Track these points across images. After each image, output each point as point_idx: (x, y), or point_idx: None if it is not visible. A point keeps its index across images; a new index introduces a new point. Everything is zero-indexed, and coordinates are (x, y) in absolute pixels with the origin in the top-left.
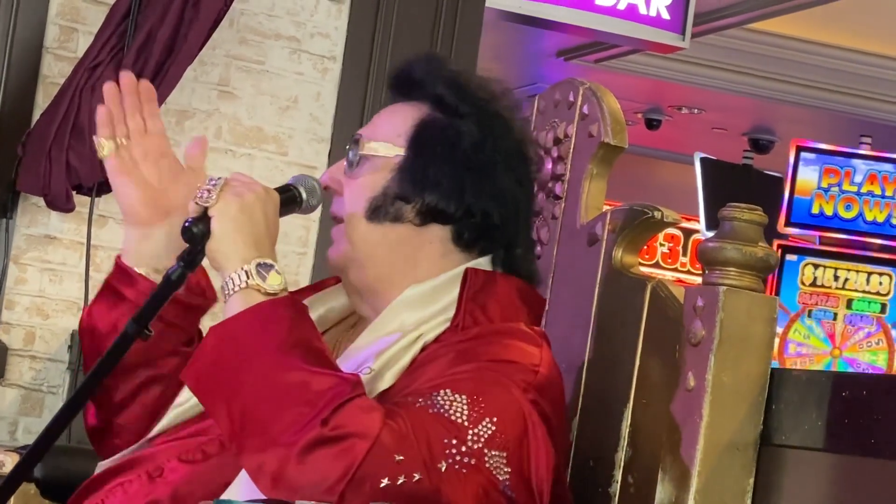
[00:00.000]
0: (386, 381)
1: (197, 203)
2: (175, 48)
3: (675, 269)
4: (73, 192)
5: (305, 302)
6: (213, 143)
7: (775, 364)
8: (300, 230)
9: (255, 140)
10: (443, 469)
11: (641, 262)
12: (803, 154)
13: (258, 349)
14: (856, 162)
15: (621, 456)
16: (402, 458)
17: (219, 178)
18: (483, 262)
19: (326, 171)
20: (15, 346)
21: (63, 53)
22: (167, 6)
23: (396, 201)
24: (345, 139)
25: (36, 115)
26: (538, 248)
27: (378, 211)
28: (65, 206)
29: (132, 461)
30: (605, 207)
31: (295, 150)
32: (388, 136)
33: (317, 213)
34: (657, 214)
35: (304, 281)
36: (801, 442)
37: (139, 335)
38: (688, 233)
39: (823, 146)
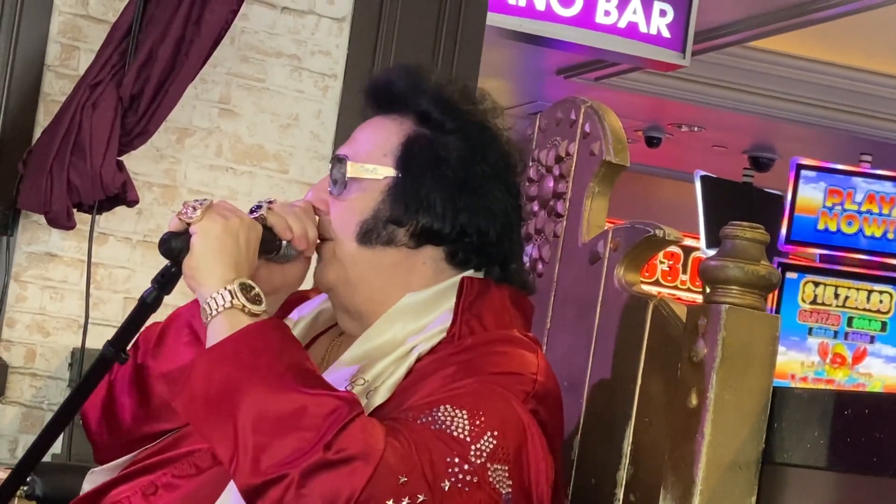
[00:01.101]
0: (381, 396)
1: (180, 218)
2: (176, 66)
3: (675, 287)
4: (74, 210)
5: (292, 315)
6: (214, 160)
7: (777, 382)
8: None
9: (256, 158)
10: (446, 488)
11: (642, 279)
12: (803, 172)
13: (250, 376)
14: (856, 180)
15: (623, 475)
16: (405, 479)
17: (205, 199)
18: (477, 275)
19: (311, 189)
20: (15, 363)
21: (64, 71)
22: (168, 24)
23: (389, 225)
24: None
25: (37, 133)
26: (540, 267)
27: (369, 234)
28: (66, 224)
29: (126, 476)
30: (607, 225)
31: (296, 167)
32: (375, 156)
33: None
34: (659, 233)
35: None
36: (804, 460)
37: (116, 358)
38: (688, 251)
39: (824, 164)
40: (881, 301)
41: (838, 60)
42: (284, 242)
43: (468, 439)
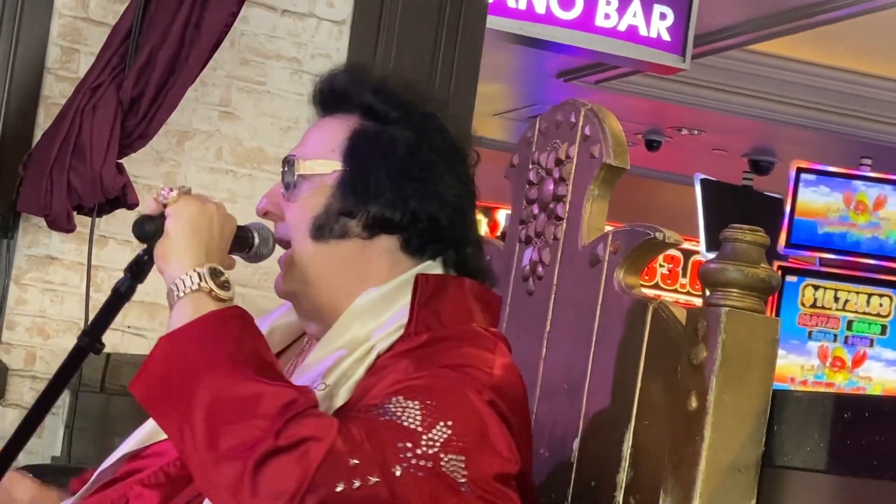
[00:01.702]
0: (342, 398)
1: (156, 200)
2: (176, 69)
3: (675, 290)
4: (74, 213)
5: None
6: (214, 163)
7: (777, 385)
8: None
9: (257, 161)
10: (398, 473)
11: (641, 283)
12: (803, 176)
13: (209, 361)
14: (856, 183)
15: (623, 477)
16: (356, 462)
17: (181, 187)
18: (434, 266)
19: (264, 197)
20: (16, 366)
21: (64, 74)
22: (168, 27)
23: (341, 217)
24: None
25: (37, 136)
26: (539, 270)
27: (323, 229)
28: (66, 227)
29: (100, 490)
30: (607, 228)
31: None
32: (322, 153)
33: None
34: (659, 236)
35: None
36: (804, 463)
37: (91, 349)
38: (688, 254)
39: (824, 168)
40: (881, 305)
41: (838, 64)
42: (257, 241)
43: (420, 429)
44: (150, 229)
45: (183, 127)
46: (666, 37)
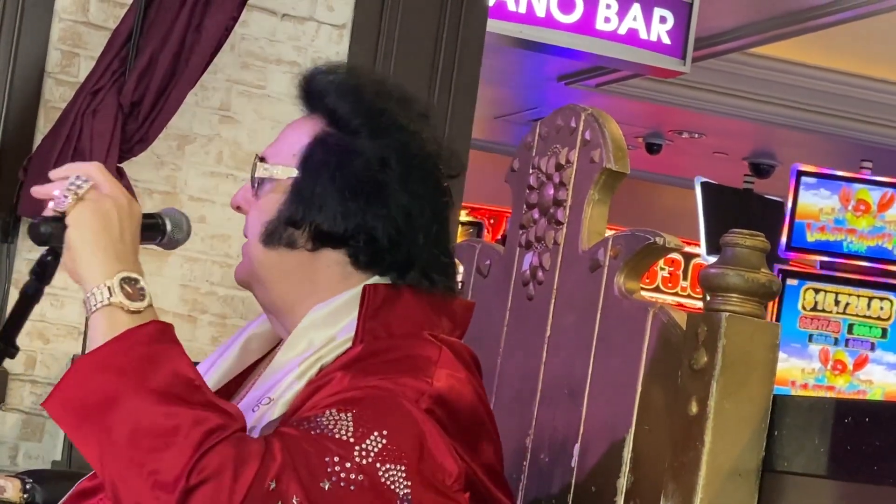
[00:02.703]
0: (278, 410)
1: (53, 208)
2: (176, 73)
3: (676, 294)
4: None
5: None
6: (214, 167)
7: (778, 389)
8: None
9: None
10: (326, 487)
11: (642, 286)
12: (804, 178)
13: (126, 385)
14: (857, 186)
15: (623, 482)
16: (274, 484)
17: (85, 181)
18: (387, 279)
19: (238, 191)
20: (16, 370)
21: (64, 78)
22: (169, 31)
23: (288, 227)
24: None
25: (37, 140)
26: (540, 275)
27: (272, 236)
28: None
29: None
30: (607, 233)
31: None
32: (285, 157)
33: None
34: (659, 240)
35: None
36: (804, 468)
37: (6, 353)
38: (688, 257)
39: (824, 171)
40: (882, 308)
41: (839, 67)
42: (170, 227)
43: (352, 440)
44: (45, 232)
45: (183, 131)
46: (666, 40)
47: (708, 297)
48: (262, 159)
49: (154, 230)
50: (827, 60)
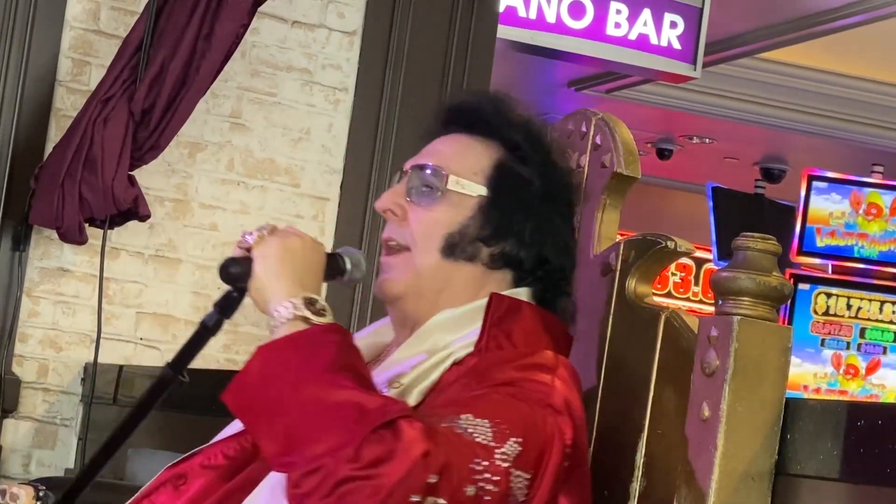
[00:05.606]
0: (414, 398)
1: (239, 246)
2: (187, 81)
3: (688, 299)
4: (86, 225)
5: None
6: (226, 175)
7: (790, 393)
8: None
9: (268, 172)
10: (471, 493)
11: (653, 291)
12: (815, 183)
13: (306, 369)
14: (868, 191)
15: (636, 486)
16: (435, 479)
17: (266, 225)
18: (520, 293)
19: (384, 195)
20: (28, 378)
21: (75, 86)
22: (179, 39)
23: (476, 242)
24: (357, 170)
25: (48, 148)
26: None
27: (454, 248)
28: (77, 239)
29: (166, 478)
30: (618, 237)
31: (307, 181)
32: (469, 173)
33: (332, 218)
34: (670, 244)
35: None
36: (817, 472)
37: (174, 381)
38: (700, 262)
39: (835, 175)
40: (894, 312)
41: (849, 71)
42: (349, 266)
43: (492, 444)
44: (235, 272)
45: (194, 138)
46: (676, 45)
47: (720, 301)
48: (438, 170)
49: (335, 268)
50: (837, 65)
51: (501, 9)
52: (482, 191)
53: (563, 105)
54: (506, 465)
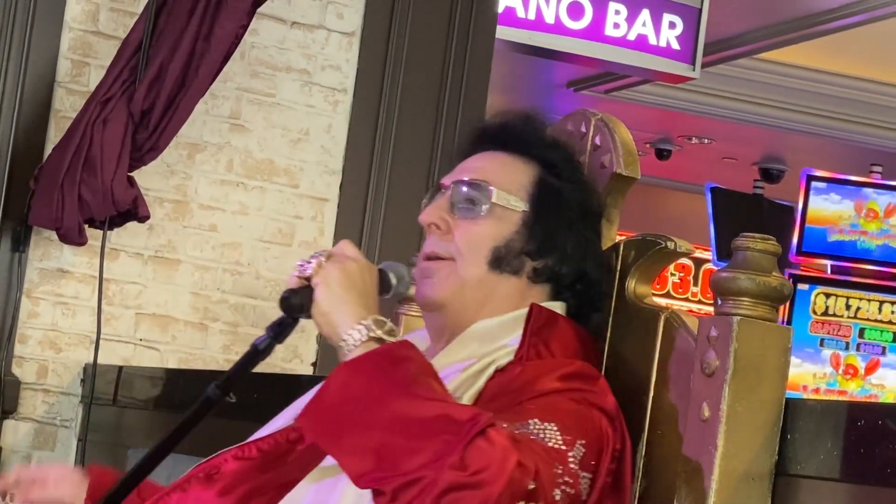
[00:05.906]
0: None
1: (297, 276)
2: (186, 81)
3: (687, 299)
4: (86, 226)
5: None
6: (225, 176)
7: (789, 394)
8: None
9: (267, 173)
10: (557, 497)
11: (653, 292)
12: (814, 183)
13: (391, 386)
14: (867, 191)
15: (636, 487)
16: (534, 486)
17: (322, 251)
18: (556, 306)
19: (428, 209)
20: (28, 379)
21: (75, 87)
22: (178, 40)
23: (522, 256)
24: (356, 170)
25: (48, 150)
26: None
27: (501, 261)
28: (77, 240)
29: (196, 472)
30: (618, 238)
31: (306, 182)
32: (510, 188)
33: (331, 218)
34: (670, 245)
35: None
36: (817, 472)
37: (221, 401)
38: (699, 262)
39: (834, 175)
40: (893, 312)
41: (848, 71)
42: (394, 281)
43: (564, 447)
44: (296, 303)
45: (193, 139)
46: (675, 46)
47: (719, 301)
48: (484, 185)
49: (383, 285)
50: (836, 65)
51: (500, 9)
52: (525, 206)
53: (561, 106)
54: (575, 467)
